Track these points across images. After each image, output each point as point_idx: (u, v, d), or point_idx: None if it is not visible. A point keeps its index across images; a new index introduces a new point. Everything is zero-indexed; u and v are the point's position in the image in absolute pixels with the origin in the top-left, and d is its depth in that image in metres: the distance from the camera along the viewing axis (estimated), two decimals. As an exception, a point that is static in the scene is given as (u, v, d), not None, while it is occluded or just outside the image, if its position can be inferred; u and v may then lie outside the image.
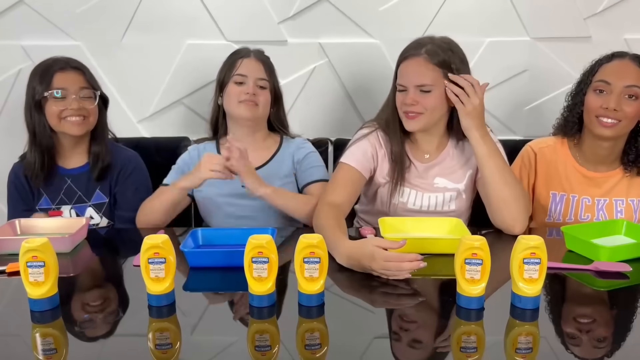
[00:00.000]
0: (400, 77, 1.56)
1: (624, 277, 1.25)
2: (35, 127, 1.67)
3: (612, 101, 1.55)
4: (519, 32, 2.13)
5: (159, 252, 1.07)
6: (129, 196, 1.73)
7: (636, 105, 1.56)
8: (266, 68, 1.72)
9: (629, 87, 1.55)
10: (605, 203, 1.68)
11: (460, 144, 1.65)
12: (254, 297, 1.09)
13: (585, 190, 1.69)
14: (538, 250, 1.04)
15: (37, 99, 1.64)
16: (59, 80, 1.65)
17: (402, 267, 1.19)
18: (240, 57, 1.71)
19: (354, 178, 1.59)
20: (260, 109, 1.70)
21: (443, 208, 1.64)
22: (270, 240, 1.08)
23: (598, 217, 1.68)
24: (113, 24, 2.11)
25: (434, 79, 1.51)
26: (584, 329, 1.03)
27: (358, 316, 1.12)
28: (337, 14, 2.10)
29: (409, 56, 1.54)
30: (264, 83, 1.71)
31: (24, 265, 1.06)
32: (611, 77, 1.58)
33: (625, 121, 1.57)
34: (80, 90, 1.67)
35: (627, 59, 1.60)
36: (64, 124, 1.66)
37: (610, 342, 1.00)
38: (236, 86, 1.69)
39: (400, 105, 1.56)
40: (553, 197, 1.72)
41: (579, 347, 0.97)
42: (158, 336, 1.03)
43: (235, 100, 1.68)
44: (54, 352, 0.99)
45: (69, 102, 1.65)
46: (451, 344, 0.99)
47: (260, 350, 0.97)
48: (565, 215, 1.71)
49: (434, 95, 1.52)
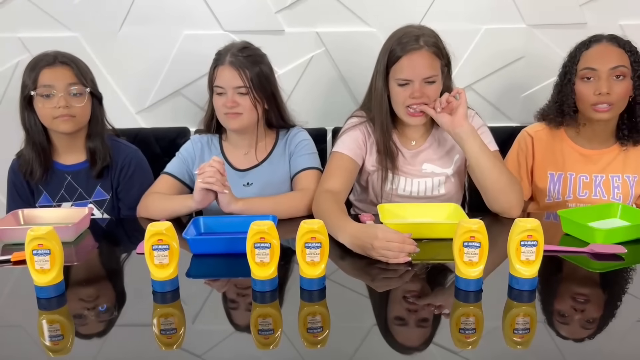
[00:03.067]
0: (402, 72, 1.55)
1: (620, 259, 1.27)
2: (26, 124, 1.65)
3: (603, 86, 1.58)
4: (515, 20, 2.14)
5: (163, 239, 1.09)
6: (133, 194, 1.72)
7: (625, 84, 1.60)
8: (243, 73, 1.62)
9: (615, 68, 1.59)
10: (602, 179, 1.71)
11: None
12: (256, 282, 1.11)
13: (583, 167, 1.72)
14: (535, 232, 1.06)
15: (26, 96, 1.62)
16: (46, 76, 1.60)
17: (403, 248, 1.22)
18: (217, 65, 1.65)
19: (348, 166, 1.62)
20: (245, 117, 1.65)
21: (433, 193, 1.68)
22: (272, 226, 1.09)
23: (595, 193, 1.71)
24: (110, 15, 2.10)
25: (436, 69, 1.55)
26: (579, 309, 1.05)
27: (359, 300, 1.14)
28: (334, 3, 2.11)
29: (409, 50, 1.54)
30: (243, 89, 1.62)
31: (30, 253, 1.07)
32: (595, 63, 1.61)
33: (618, 102, 1.61)
34: (68, 87, 1.62)
35: (604, 41, 1.63)
36: (55, 122, 1.63)
37: (603, 321, 1.02)
38: (218, 97, 1.65)
39: (403, 100, 1.57)
40: (551, 177, 1.75)
41: (574, 327, 0.99)
42: (163, 322, 1.04)
43: (221, 112, 1.66)
44: (60, 338, 1.00)
45: (56, 100, 1.60)
46: (450, 325, 1.01)
47: (263, 334, 0.99)
48: (564, 193, 1.74)
49: (436, 85, 1.57)
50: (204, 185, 1.45)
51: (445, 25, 1.69)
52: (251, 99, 1.64)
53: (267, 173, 1.72)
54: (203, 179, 1.45)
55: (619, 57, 1.59)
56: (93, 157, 1.71)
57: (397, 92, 1.58)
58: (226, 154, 1.76)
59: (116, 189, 1.76)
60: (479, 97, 2.20)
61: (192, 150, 1.76)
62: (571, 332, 0.98)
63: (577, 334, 0.97)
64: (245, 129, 1.69)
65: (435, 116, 1.56)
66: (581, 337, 0.97)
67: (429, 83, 1.55)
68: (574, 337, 0.96)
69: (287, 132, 1.79)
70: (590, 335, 0.97)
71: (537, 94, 2.20)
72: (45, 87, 1.60)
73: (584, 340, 0.96)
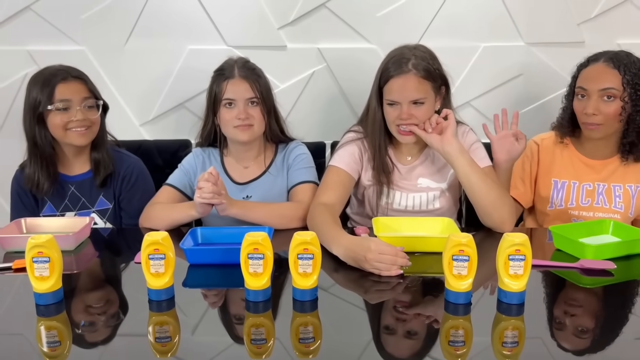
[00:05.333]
0: (391, 94, 1.59)
1: (609, 274, 1.28)
2: (35, 137, 1.67)
3: (590, 106, 1.62)
4: (514, 37, 2.18)
5: (159, 249, 1.11)
6: (135, 203, 1.75)
7: (614, 106, 1.62)
8: (254, 84, 1.67)
9: (604, 90, 1.62)
10: (605, 188, 1.73)
11: None
12: (249, 292, 1.13)
13: (586, 176, 1.75)
14: (523, 247, 1.08)
15: (40, 111, 1.64)
16: (62, 91, 1.64)
17: (396, 261, 1.25)
18: (225, 78, 1.68)
19: (344, 180, 1.65)
20: (256, 128, 1.69)
21: (428, 207, 1.70)
22: (265, 237, 1.12)
23: (598, 201, 1.73)
24: (117, 29, 2.16)
25: (425, 92, 1.58)
26: (568, 323, 1.07)
27: (351, 311, 1.15)
28: (336, 20, 2.15)
29: (397, 74, 1.57)
30: (255, 100, 1.68)
31: (30, 260, 1.10)
32: (587, 83, 1.65)
33: (607, 122, 1.63)
34: (83, 101, 1.66)
35: (601, 61, 1.65)
36: (69, 135, 1.66)
37: (592, 336, 1.03)
38: (227, 110, 1.68)
39: (393, 120, 1.61)
40: (555, 184, 1.78)
41: (562, 341, 1.00)
42: (158, 330, 1.06)
43: (230, 125, 1.68)
44: (57, 344, 1.03)
45: (73, 113, 1.64)
46: (440, 337, 1.02)
47: (256, 344, 1.01)
48: (567, 201, 1.76)
49: (426, 106, 1.59)
50: (202, 201, 1.50)
51: (444, 42, 1.73)
52: (261, 109, 1.69)
53: (266, 186, 1.75)
54: (201, 195, 1.49)
55: (611, 78, 1.61)
56: (97, 167, 1.75)
57: (388, 111, 1.62)
58: (227, 167, 1.79)
59: (118, 198, 1.79)
60: (477, 114, 2.22)
61: (194, 163, 1.79)
62: (559, 346, 0.99)
63: (565, 347, 0.98)
64: (254, 140, 1.73)
65: (424, 136, 1.59)
66: (569, 350, 0.98)
67: (417, 104, 1.58)
68: (562, 350, 0.98)
69: (285, 145, 1.82)
70: (578, 349, 0.99)
71: (535, 111, 2.23)
72: (62, 101, 1.63)
73: (572, 353, 0.97)
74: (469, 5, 2.14)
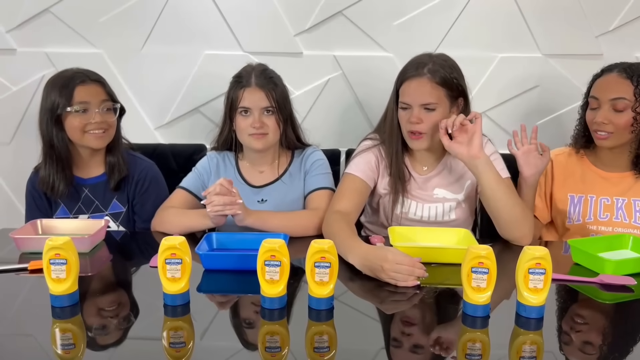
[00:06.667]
0: (404, 96, 1.60)
1: (629, 290, 1.26)
2: (52, 139, 1.67)
3: (600, 116, 1.63)
4: (531, 49, 2.17)
5: (176, 253, 1.11)
6: (148, 208, 1.75)
7: (625, 117, 1.61)
8: (269, 93, 1.66)
9: (615, 100, 1.61)
10: (624, 203, 1.70)
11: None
12: (265, 299, 1.12)
13: (604, 190, 1.73)
14: (543, 260, 1.07)
15: (59, 113, 1.65)
16: (81, 94, 1.65)
17: (413, 272, 1.23)
18: (242, 86, 1.67)
19: (360, 187, 1.64)
20: (270, 137, 1.69)
21: (444, 218, 1.69)
22: (282, 245, 1.11)
23: (617, 216, 1.71)
24: (134, 33, 2.17)
25: (438, 98, 1.57)
26: (586, 339, 1.05)
27: (366, 321, 1.15)
28: (352, 28, 2.15)
29: (412, 76, 1.58)
30: (270, 109, 1.67)
31: (47, 262, 1.10)
32: (599, 93, 1.65)
33: (617, 131, 1.63)
34: (101, 103, 1.67)
35: (614, 72, 1.65)
36: (86, 137, 1.67)
37: (612, 353, 1.01)
38: (243, 118, 1.68)
39: (404, 124, 1.61)
40: (571, 199, 1.76)
41: (581, 357, 0.99)
42: (172, 335, 1.06)
43: (245, 133, 1.68)
44: (72, 347, 1.02)
45: (91, 115, 1.65)
46: (457, 350, 1.01)
47: (271, 351, 1.00)
48: (585, 215, 1.74)
49: (437, 113, 1.58)
50: (214, 214, 1.50)
51: (461, 52, 1.72)
52: (276, 118, 1.68)
53: (282, 191, 1.75)
54: (211, 209, 1.48)
55: (623, 88, 1.61)
56: (112, 170, 1.75)
57: (401, 115, 1.62)
58: (241, 171, 1.79)
59: (132, 202, 1.79)
60: (493, 124, 2.21)
61: (208, 166, 1.79)
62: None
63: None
64: (268, 148, 1.73)
65: (450, 146, 1.55)
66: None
67: (429, 110, 1.57)
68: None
69: (302, 151, 1.81)
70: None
71: (552, 122, 2.21)
72: (81, 103, 1.64)
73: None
74: (486, 15, 2.14)
